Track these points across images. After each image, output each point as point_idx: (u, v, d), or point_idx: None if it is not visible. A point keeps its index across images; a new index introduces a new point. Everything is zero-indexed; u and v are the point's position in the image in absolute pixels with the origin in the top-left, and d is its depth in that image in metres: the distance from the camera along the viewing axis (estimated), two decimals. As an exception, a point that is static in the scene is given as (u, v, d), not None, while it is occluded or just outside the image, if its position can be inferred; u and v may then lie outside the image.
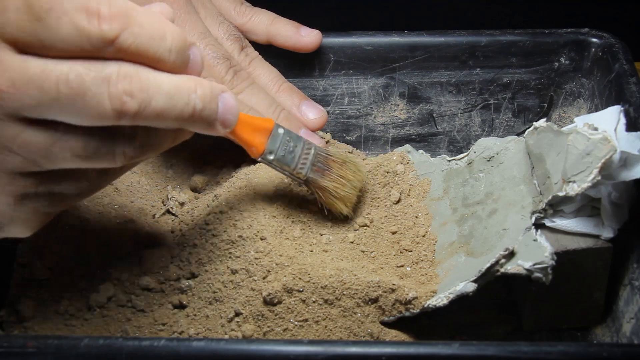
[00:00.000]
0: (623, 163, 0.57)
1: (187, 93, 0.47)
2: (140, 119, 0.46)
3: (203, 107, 0.48)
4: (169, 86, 0.47)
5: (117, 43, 0.45)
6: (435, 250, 0.62)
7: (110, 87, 0.44)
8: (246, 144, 0.57)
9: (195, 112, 0.48)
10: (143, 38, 0.45)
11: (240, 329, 0.55)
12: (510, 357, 0.48)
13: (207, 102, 0.49)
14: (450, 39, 0.73)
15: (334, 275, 0.57)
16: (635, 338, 0.57)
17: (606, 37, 0.72)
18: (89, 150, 0.46)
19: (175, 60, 0.47)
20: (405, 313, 0.57)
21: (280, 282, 0.56)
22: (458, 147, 0.76)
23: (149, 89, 0.46)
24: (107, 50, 0.45)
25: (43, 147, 0.45)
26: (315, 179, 0.60)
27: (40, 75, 0.44)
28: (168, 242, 0.62)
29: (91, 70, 0.44)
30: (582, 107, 0.73)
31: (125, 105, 0.45)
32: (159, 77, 0.46)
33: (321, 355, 0.48)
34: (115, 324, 0.58)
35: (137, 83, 0.45)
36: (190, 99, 0.47)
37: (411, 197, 0.67)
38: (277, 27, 0.72)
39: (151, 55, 0.46)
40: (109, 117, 0.45)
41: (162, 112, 0.46)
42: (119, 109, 0.45)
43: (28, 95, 0.44)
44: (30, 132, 0.45)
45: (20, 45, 0.44)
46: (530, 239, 0.57)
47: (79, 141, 0.46)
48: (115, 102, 0.45)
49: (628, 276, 0.60)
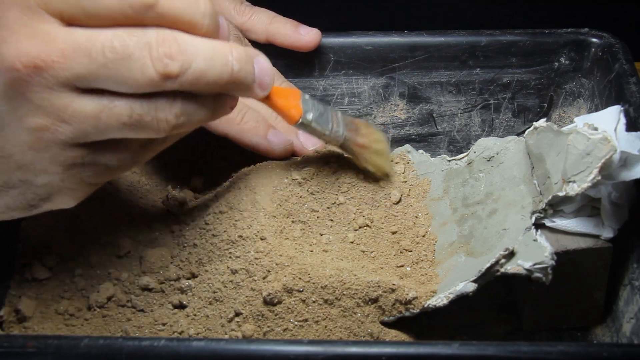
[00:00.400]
0: (623, 163, 0.57)
1: (224, 55, 0.49)
2: (182, 82, 0.48)
3: (240, 68, 0.50)
4: (207, 49, 0.48)
5: (156, 8, 0.47)
6: (435, 250, 0.62)
7: (152, 51, 0.46)
8: (283, 107, 0.57)
9: (233, 73, 0.49)
10: (179, 3, 0.48)
11: (240, 329, 0.55)
12: (510, 357, 0.48)
13: (244, 64, 0.50)
14: (450, 39, 0.73)
15: (334, 275, 0.57)
16: (635, 338, 0.57)
17: (606, 37, 0.72)
18: (134, 118, 0.48)
19: (209, 25, 0.49)
20: (405, 313, 0.57)
21: (280, 282, 0.56)
22: (458, 147, 0.76)
23: (188, 52, 0.47)
24: (147, 16, 0.47)
25: (92, 115, 0.47)
26: (353, 137, 0.61)
27: (86, 43, 0.46)
28: (168, 242, 0.62)
29: (134, 35, 0.46)
30: (582, 107, 0.73)
31: (167, 68, 0.47)
32: (196, 41, 0.48)
33: (321, 355, 0.48)
34: (115, 324, 0.58)
35: (176, 46, 0.47)
36: (228, 60, 0.49)
37: (411, 197, 0.67)
38: (277, 25, 0.72)
39: (187, 20, 0.48)
40: (152, 81, 0.47)
41: (203, 74, 0.48)
42: (161, 71, 0.47)
43: (77, 63, 0.46)
44: (80, 101, 0.47)
45: (66, 18, 0.46)
46: (530, 239, 0.57)
47: (125, 109, 0.48)
48: (158, 65, 0.46)
49: (628, 276, 0.60)
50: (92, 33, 0.46)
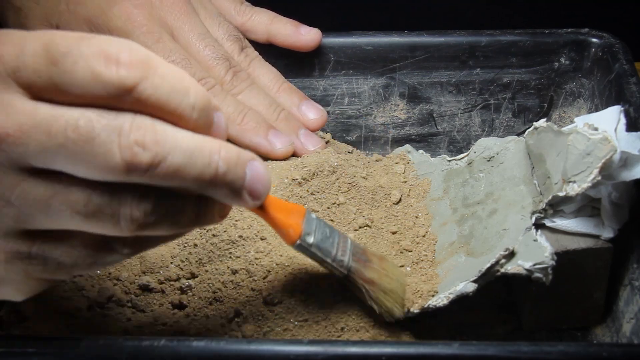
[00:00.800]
0: (623, 163, 0.57)
1: (210, 153, 0.43)
2: (153, 176, 0.42)
3: (227, 170, 0.44)
4: (189, 143, 0.43)
5: (135, 92, 0.41)
6: (435, 250, 0.62)
7: (121, 137, 0.41)
8: (281, 224, 0.51)
9: (217, 174, 0.43)
10: (164, 90, 0.42)
11: (240, 329, 0.55)
12: (510, 357, 0.48)
13: (233, 166, 0.44)
14: (450, 39, 0.74)
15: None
16: (635, 338, 0.57)
17: (606, 37, 0.72)
18: (91, 207, 0.42)
19: (198, 119, 0.43)
20: (405, 313, 0.57)
21: (280, 282, 0.56)
22: (458, 147, 0.76)
23: (166, 143, 0.42)
24: (124, 99, 0.42)
25: (42, 199, 0.42)
26: (359, 270, 0.54)
27: (49, 119, 0.41)
28: (168, 242, 0.62)
29: (103, 117, 0.41)
30: (582, 107, 0.73)
31: (136, 157, 0.41)
32: (179, 133, 0.43)
33: (321, 355, 0.48)
34: (115, 324, 0.58)
35: (151, 135, 0.42)
36: (213, 159, 0.43)
37: (411, 197, 0.67)
38: (277, 26, 0.72)
39: (172, 110, 0.43)
40: (117, 169, 0.41)
41: (179, 170, 0.42)
42: (129, 160, 0.41)
43: (34, 140, 0.41)
44: (31, 182, 0.42)
45: (35, 91, 0.42)
46: (530, 239, 0.57)
47: (80, 195, 0.42)
48: (125, 153, 0.41)
49: (628, 276, 0.60)
50: (58, 109, 0.41)
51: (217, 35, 0.70)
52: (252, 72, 0.70)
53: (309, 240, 0.52)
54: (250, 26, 0.72)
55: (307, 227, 0.52)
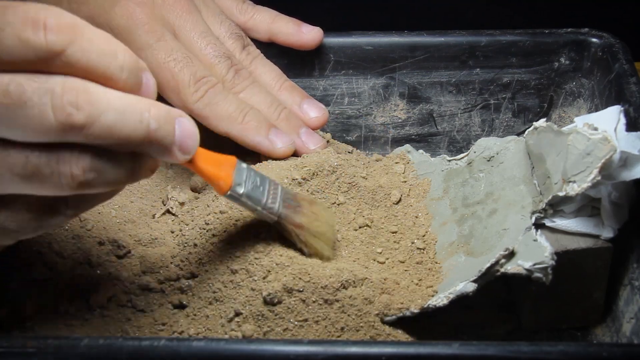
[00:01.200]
0: (623, 163, 0.57)
1: (140, 111, 0.45)
2: (89, 135, 0.43)
3: (158, 127, 0.46)
4: (121, 102, 0.44)
5: (64, 56, 0.42)
6: (436, 250, 0.62)
7: (54, 99, 0.42)
8: (211, 176, 0.53)
9: (149, 131, 0.45)
10: (92, 53, 0.43)
11: (240, 329, 0.55)
12: (510, 357, 0.48)
13: (163, 123, 0.46)
14: (450, 39, 0.74)
15: (334, 275, 0.57)
16: (635, 338, 0.57)
17: (606, 37, 0.72)
18: (29, 168, 0.43)
19: (127, 79, 0.45)
20: (405, 313, 0.57)
21: (280, 282, 0.56)
22: (458, 147, 0.76)
23: (99, 103, 0.43)
24: (54, 63, 0.43)
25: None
26: (289, 215, 0.56)
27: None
28: (168, 242, 0.62)
29: (34, 81, 0.42)
30: (582, 107, 0.73)
31: (70, 117, 0.42)
32: (110, 93, 0.44)
33: (321, 355, 0.48)
34: (115, 324, 0.58)
35: (84, 95, 0.43)
36: (144, 117, 0.45)
37: (411, 197, 0.67)
38: (279, 24, 0.72)
39: (101, 72, 0.44)
40: (52, 130, 0.42)
41: (113, 128, 0.44)
42: (63, 120, 0.42)
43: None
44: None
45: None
46: (530, 239, 0.57)
47: (18, 157, 0.43)
48: (59, 114, 0.42)
49: (628, 276, 0.60)
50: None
51: (219, 33, 0.70)
52: (254, 70, 0.70)
53: (239, 190, 0.54)
54: (252, 25, 0.73)
55: (238, 177, 0.54)
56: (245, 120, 0.66)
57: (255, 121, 0.66)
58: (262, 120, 0.66)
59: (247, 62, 0.70)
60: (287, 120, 0.68)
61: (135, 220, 0.64)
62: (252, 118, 0.66)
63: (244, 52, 0.70)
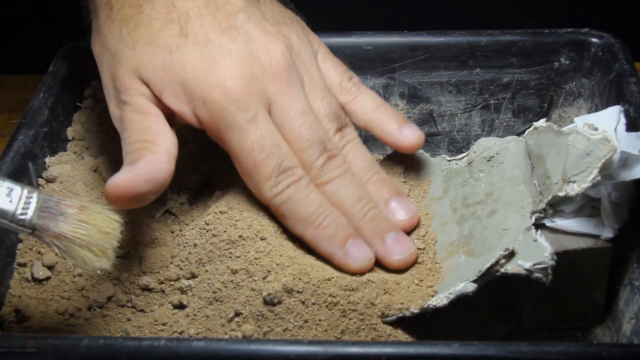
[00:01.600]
0: (623, 163, 0.57)
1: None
2: None
3: None
4: None
5: None
6: (436, 250, 0.62)
7: None
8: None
9: None
10: None
11: (240, 329, 0.55)
12: (510, 357, 0.48)
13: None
14: (450, 39, 0.74)
15: (334, 276, 0.57)
16: (635, 338, 0.57)
17: (606, 37, 0.72)
18: None
19: None
20: (405, 313, 0.57)
21: (280, 283, 0.56)
22: (458, 147, 0.76)
23: None
24: None
25: None
26: (47, 225, 0.51)
27: None
28: (168, 242, 0.62)
29: None
30: (582, 107, 0.73)
31: None
32: None
33: (321, 355, 0.48)
34: (115, 324, 0.58)
35: None
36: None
37: (411, 197, 0.67)
38: (380, 117, 0.67)
39: None
40: None
41: None
42: None
43: None
44: None
45: None
46: (530, 239, 0.57)
47: None
48: None
49: (628, 276, 0.60)
50: None
51: (317, 109, 0.63)
52: (345, 155, 0.63)
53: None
54: (352, 108, 0.67)
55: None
56: (322, 225, 0.59)
57: (334, 227, 0.59)
58: (341, 227, 0.60)
59: (340, 145, 0.64)
60: (373, 221, 0.61)
61: (135, 220, 0.64)
62: (330, 223, 0.59)
63: (339, 134, 0.64)
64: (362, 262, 0.59)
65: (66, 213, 0.52)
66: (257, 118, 0.59)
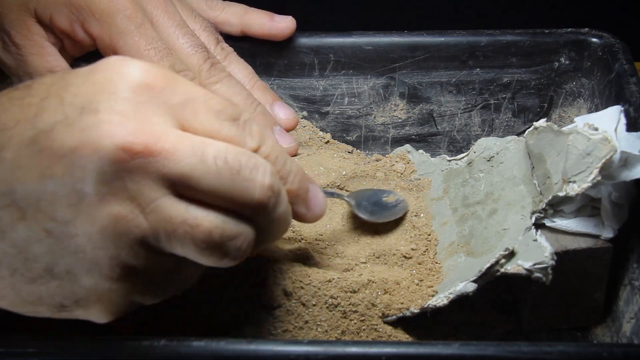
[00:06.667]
0: (623, 163, 0.57)
1: None
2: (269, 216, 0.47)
3: None
4: None
5: None
6: (436, 251, 0.62)
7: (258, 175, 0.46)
8: None
9: None
10: None
11: (240, 331, 0.55)
12: (510, 357, 0.48)
13: None
14: (450, 39, 0.74)
15: (334, 277, 0.57)
16: (635, 338, 0.57)
17: (606, 37, 0.72)
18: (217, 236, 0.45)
19: None
20: (405, 313, 0.57)
21: (279, 285, 0.56)
22: (458, 147, 0.76)
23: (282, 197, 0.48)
24: None
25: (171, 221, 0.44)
26: None
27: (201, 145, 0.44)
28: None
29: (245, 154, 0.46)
30: (582, 107, 0.73)
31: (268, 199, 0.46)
32: None
33: (321, 355, 0.48)
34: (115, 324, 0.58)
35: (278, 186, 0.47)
36: None
37: (411, 197, 0.67)
38: (251, 16, 0.73)
39: None
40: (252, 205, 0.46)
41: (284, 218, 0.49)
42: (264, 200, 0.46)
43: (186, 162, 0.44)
44: (169, 201, 0.44)
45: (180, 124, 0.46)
46: (530, 239, 0.57)
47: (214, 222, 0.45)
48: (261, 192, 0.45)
49: (628, 276, 0.60)
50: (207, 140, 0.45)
51: (193, 27, 0.70)
52: (227, 66, 0.70)
53: None
54: (224, 18, 0.73)
55: None
56: None
57: None
58: None
59: (221, 57, 0.70)
60: (262, 115, 0.68)
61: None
62: None
63: (218, 47, 0.70)
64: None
65: None
66: (145, 25, 0.64)
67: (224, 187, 0.44)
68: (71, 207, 0.44)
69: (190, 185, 0.44)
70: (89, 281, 0.45)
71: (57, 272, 0.45)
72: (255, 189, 0.45)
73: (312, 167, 0.66)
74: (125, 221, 0.44)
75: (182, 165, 0.44)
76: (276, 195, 0.46)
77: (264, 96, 0.70)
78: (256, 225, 0.47)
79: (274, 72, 0.74)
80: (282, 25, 0.72)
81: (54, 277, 0.45)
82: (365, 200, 0.62)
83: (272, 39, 0.73)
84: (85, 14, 0.64)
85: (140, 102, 0.44)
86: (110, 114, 0.43)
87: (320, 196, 0.52)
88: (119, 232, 0.44)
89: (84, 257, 0.44)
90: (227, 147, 0.45)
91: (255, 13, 0.73)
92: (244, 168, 0.45)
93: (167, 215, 0.44)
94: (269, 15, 0.73)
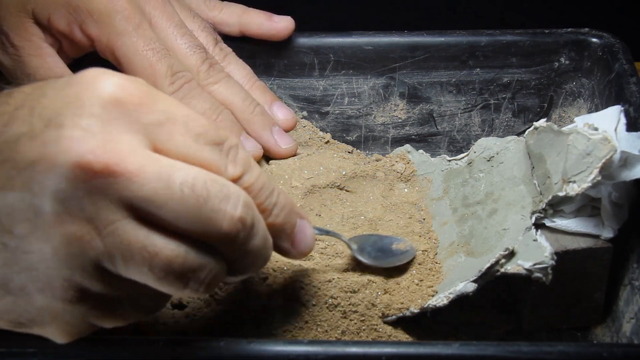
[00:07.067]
0: (623, 163, 0.57)
1: None
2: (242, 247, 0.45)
3: None
4: None
5: None
6: (436, 251, 0.62)
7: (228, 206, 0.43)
8: None
9: None
10: None
11: (240, 330, 0.55)
12: (510, 357, 0.48)
13: None
14: (450, 39, 0.73)
15: (334, 277, 0.57)
16: (635, 338, 0.57)
17: (606, 37, 0.72)
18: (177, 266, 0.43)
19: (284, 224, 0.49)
20: (405, 313, 0.57)
21: (280, 285, 0.56)
22: (458, 147, 0.76)
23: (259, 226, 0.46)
24: None
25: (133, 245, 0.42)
26: None
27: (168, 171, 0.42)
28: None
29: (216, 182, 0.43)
30: (582, 107, 0.73)
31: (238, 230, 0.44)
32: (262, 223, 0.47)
33: (321, 355, 0.48)
34: (115, 324, 0.58)
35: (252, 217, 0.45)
36: None
37: (411, 197, 0.67)
38: (249, 16, 0.73)
39: None
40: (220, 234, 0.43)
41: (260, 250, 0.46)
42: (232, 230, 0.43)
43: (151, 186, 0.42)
44: (129, 224, 0.42)
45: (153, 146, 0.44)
46: (530, 239, 0.57)
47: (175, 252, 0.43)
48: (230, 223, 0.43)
49: (628, 276, 0.60)
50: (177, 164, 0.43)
51: (192, 27, 0.69)
52: (226, 66, 0.70)
53: None
54: (222, 19, 0.73)
55: None
56: (218, 120, 0.65)
57: (228, 122, 0.66)
58: (234, 122, 0.66)
59: (219, 58, 0.70)
60: (261, 116, 0.68)
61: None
62: (224, 118, 0.66)
63: (216, 48, 0.70)
64: (254, 151, 0.66)
65: None
66: (142, 25, 0.64)
67: (188, 216, 0.42)
68: (28, 222, 0.42)
69: (152, 212, 0.42)
70: (42, 301, 0.44)
71: (12, 288, 0.44)
72: (223, 220, 0.43)
73: (312, 167, 0.66)
74: (80, 242, 0.42)
75: (146, 189, 0.42)
76: (248, 228, 0.44)
77: (263, 96, 0.70)
78: (226, 258, 0.45)
79: (274, 73, 0.74)
80: (280, 26, 0.72)
81: (9, 292, 0.44)
82: (370, 246, 0.60)
83: (270, 39, 0.73)
84: (83, 15, 0.64)
85: (108, 119, 0.42)
86: (73, 129, 0.41)
87: (309, 233, 0.50)
88: (73, 253, 0.42)
89: (37, 275, 0.43)
90: (197, 173, 0.43)
91: (254, 13, 0.73)
92: (212, 197, 0.43)
93: (126, 239, 0.42)
94: (267, 15, 0.73)
